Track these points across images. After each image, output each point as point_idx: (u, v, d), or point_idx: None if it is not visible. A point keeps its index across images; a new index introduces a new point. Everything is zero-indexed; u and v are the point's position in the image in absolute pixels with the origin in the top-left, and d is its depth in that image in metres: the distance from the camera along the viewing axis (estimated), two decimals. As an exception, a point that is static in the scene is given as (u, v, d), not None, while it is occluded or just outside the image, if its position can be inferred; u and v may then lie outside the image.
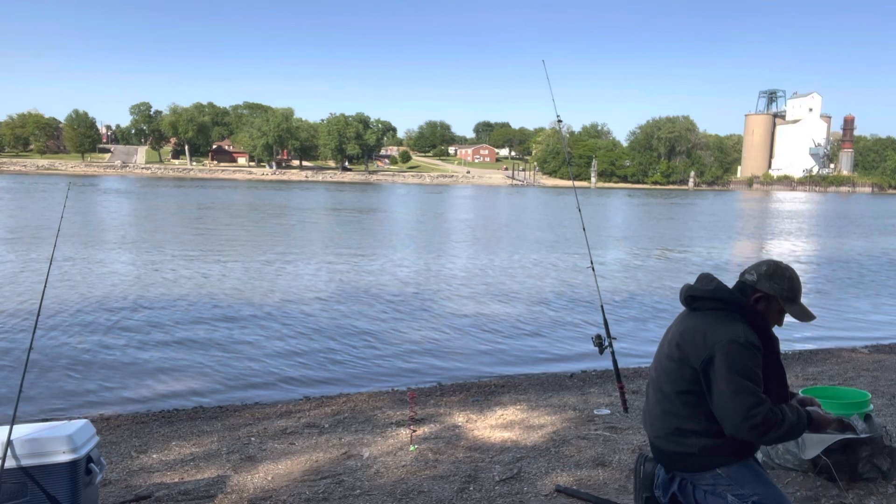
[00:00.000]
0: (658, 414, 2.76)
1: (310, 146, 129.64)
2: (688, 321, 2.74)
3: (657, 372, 2.81)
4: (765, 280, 2.72)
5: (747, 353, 2.53)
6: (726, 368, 2.52)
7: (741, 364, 2.52)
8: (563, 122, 9.83)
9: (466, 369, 8.75)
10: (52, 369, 8.31)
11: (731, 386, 2.50)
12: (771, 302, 2.71)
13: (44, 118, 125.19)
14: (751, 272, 2.76)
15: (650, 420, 2.84)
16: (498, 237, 27.75)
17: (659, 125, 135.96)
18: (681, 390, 2.65)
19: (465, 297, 13.77)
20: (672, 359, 2.69)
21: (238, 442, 5.37)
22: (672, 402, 2.69)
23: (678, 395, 2.66)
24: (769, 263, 2.78)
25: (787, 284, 2.72)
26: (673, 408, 2.69)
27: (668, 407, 2.70)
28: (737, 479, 2.63)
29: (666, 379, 2.71)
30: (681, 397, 2.66)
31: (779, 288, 2.71)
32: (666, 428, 2.71)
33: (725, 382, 2.51)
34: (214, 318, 11.29)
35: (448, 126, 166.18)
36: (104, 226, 27.85)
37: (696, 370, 2.60)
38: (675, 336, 2.74)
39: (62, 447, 3.27)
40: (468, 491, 4.15)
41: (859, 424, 4.08)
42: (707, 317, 2.68)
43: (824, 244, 28.83)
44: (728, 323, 2.62)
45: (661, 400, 2.74)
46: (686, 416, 2.65)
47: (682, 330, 2.72)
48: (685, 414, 2.65)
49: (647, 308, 13.11)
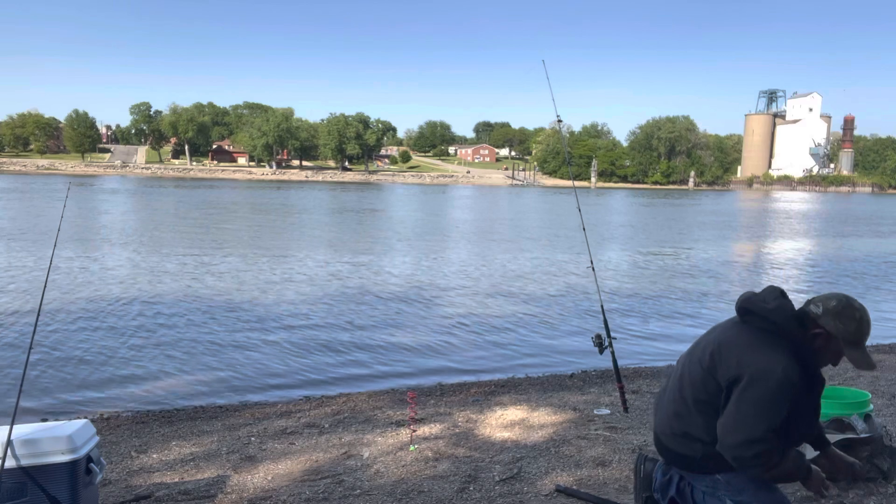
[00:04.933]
0: (671, 413, 2.69)
1: (310, 146, 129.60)
2: (731, 332, 2.57)
3: (682, 370, 2.70)
4: (830, 317, 2.45)
5: (777, 388, 2.36)
6: (747, 396, 2.39)
7: (765, 397, 2.37)
8: (563, 122, 9.85)
9: (466, 369, 8.75)
10: (53, 369, 8.31)
11: (739, 413, 2.40)
12: (830, 342, 2.46)
13: (44, 118, 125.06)
14: (817, 303, 2.50)
15: (660, 414, 2.77)
16: (498, 237, 27.74)
17: (659, 125, 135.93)
18: (699, 399, 2.57)
19: (466, 297, 13.77)
20: (702, 365, 2.57)
21: (238, 442, 5.37)
22: (687, 406, 2.61)
23: (695, 402, 2.58)
24: (840, 299, 2.49)
25: (853, 327, 2.44)
26: (686, 412, 2.62)
27: (682, 409, 2.63)
28: (735, 486, 2.59)
29: (689, 382, 2.63)
30: (697, 405, 2.58)
31: (843, 329, 2.44)
32: (674, 428, 2.66)
33: (737, 408, 2.41)
34: (214, 317, 11.29)
35: (448, 126, 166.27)
36: (104, 226, 27.85)
37: (720, 386, 2.49)
38: (713, 344, 2.58)
39: (62, 447, 3.27)
40: (468, 491, 4.15)
41: (859, 424, 4.08)
42: (752, 336, 2.50)
43: (824, 243, 28.82)
44: (771, 350, 2.43)
45: (678, 399, 2.66)
46: (697, 423, 2.58)
47: (721, 340, 2.56)
48: (697, 422, 2.58)
49: (647, 308, 13.11)
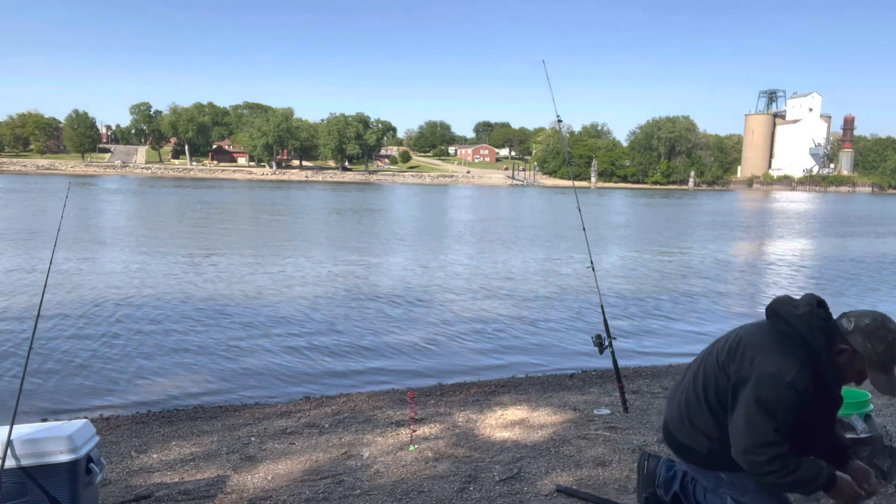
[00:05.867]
0: (682, 401, 2.67)
1: (310, 146, 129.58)
2: (754, 332, 2.54)
3: (701, 361, 2.68)
4: (860, 335, 2.33)
5: (783, 393, 2.31)
6: (754, 399, 2.35)
7: (771, 401, 2.33)
8: (563, 121, 9.84)
9: (466, 369, 8.75)
10: (52, 369, 8.31)
11: (749, 416, 2.36)
12: (856, 360, 2.35)
13: (44, 118, 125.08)
14: (850, 319, 2.41)
15: (671, 403, 2.76)
16: (498, 237, 27.73)
17: (659, 125, 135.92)
18: (709, 392, 2.56)
19: (466, 297, 13.77)
20: (718, 360, 2.56)
21: (238, 442, 5.37)
22: (697, 397, 2.61)
23: (706, 394, 2.57)
24: (875, 318, 2.37)
25: (882, 349, 2.32)
26: (696, 403, 2.61)
27: (692, 400, 2.62)
28: (739, 486, 2.58)
29: (703, 374, 2.62)
30: (707, 398, 2.57)
31: (872, 350, 2.32)
32: (682, 417, 2.65)
33: (746, 410, 2.37)
34: (214, 317, 11.29)
35: (448, 126, 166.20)
36: (104, 226, 27.84)
37: (729, 381, 2.47)
38: (734, 341, 2.55)
39: (62, 447, 3.27)
40: (468, 491, 4.15)
41: (859, 424, 4.08)
42: (773, 339, 2.44)
43: (823, 243, 28.80)
44: (787, 357, 2.36)
45: (690, 389, 2.65)
46: (705, 417, 2.58)
47: (742, 337, 2.54)
48: (705, 415, 2.58)
49: (647, 308, 13.11)
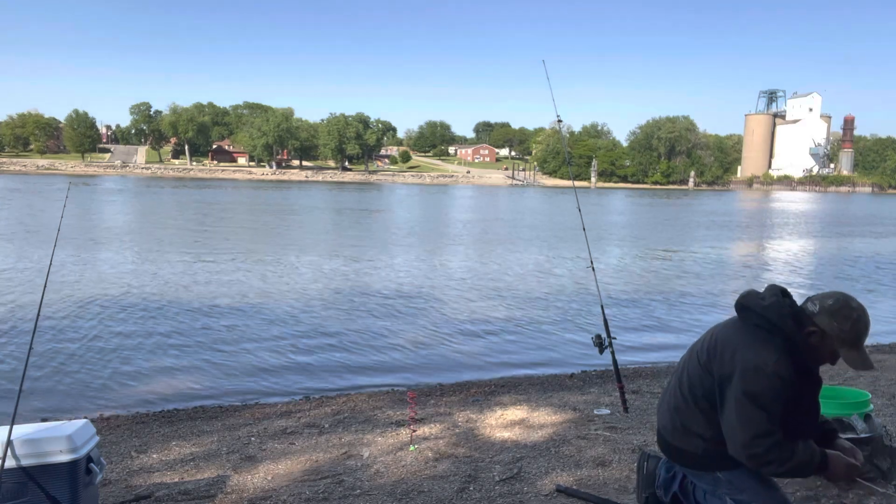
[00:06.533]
0: (672, 407, 2.72)
1: (310, 146, 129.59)
2: (729, 330, 2.60)
3: (683, 366, 2.73)
4: (826, 315, 2.42)
5: (768, 383, 2.38)
6: (741, 393, 2.41)
7: (758, 392, 2.39)
8: (563, 121, 9.85)
9: (466, 369, 8.75)
10: (52, 369, 8.30)
11: (741, 411, 2.41)
12: (825, 340, 2.43)
13: (44, 118, 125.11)
14: (815, 301, 2.48)
15: (662, 409, 2.80)
16: (498, 237, 27.74)
17: (659, 125, 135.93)
18: (697, 394, 2.60)
19: (465, 297, 13.77)
20: (699, 361, 2.61)
21: (238, 442, 5.37)
22: (686, 401, 2.65)
23: (694, 397, 2.61)
24: (837, 298, 2.46)
25: (848, 326, 2.41)
26: (685, 407, 2.65)
27: (681, 404, 2.67)
28: (737, 485, 2.60)
29: (687, 378, 2.66)
30: (696, 400, 2.60)
31: (838, 329, 2.41)
32: (674, 423, 2.69)
33: (736, 406, 2.42)
34: (214, 317, 11.29)
35: (448, 126, 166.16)
36: (104, 226, 27.85)
37: (714, 380, 2.52)
38: (710, 341, 2.62)
39: (62, 447, 3.27)
40: (468, 491, 4.15)
41: (859, 424, 4.08)
42: (747, 333, 2.51)
43: (823, 243, 28.80)
44: (764, 347, 2.43)
45: (678, 395, 2.69)
46: (697, 419, 2.61)
47: (718, 336, 2.60)
48: (697, 417, 2.61)
49: (647, 308, 13.11)
